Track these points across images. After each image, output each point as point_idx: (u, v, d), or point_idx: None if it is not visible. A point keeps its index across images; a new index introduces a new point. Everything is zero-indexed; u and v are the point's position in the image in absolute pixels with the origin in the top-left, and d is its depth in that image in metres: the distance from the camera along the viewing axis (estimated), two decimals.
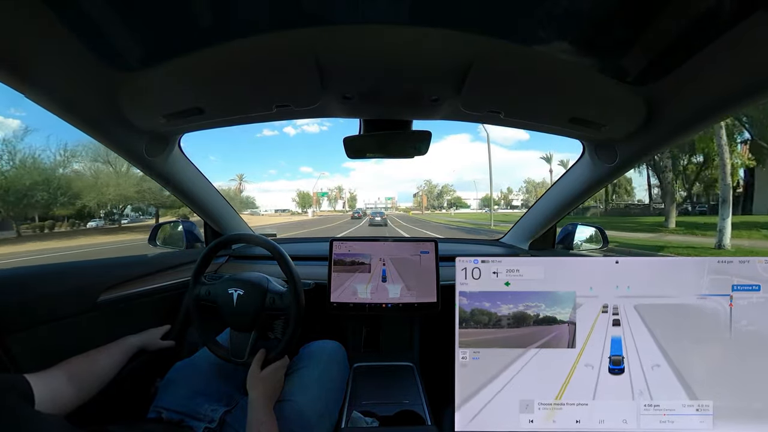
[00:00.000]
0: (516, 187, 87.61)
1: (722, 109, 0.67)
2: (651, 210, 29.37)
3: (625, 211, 33.66)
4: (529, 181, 75.14)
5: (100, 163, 21.43)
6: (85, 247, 13.59)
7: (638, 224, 16.79)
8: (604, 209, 34.92)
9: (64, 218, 25.90)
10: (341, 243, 1.19)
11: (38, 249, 13.22)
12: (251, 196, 74.47)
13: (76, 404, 0.62)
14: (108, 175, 20.94)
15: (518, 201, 77.35)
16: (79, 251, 12.41)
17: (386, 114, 0.91)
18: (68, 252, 12.13)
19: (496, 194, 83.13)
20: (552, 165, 54.48)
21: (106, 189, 20.05)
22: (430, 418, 0.92)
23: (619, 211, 34.04)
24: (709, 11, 0.48)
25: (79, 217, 26.51)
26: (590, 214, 32.91)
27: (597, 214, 33.04)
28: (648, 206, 31.67)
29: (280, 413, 0.74)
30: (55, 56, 0.59)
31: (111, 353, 0.77)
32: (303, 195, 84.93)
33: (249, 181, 70.93)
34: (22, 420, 0.44)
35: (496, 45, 0.59)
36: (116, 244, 14.42)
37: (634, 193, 41.30)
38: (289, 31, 0.56)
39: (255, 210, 67.11)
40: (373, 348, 1.32)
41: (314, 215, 65.31)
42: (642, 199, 37.96)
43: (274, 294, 0.87)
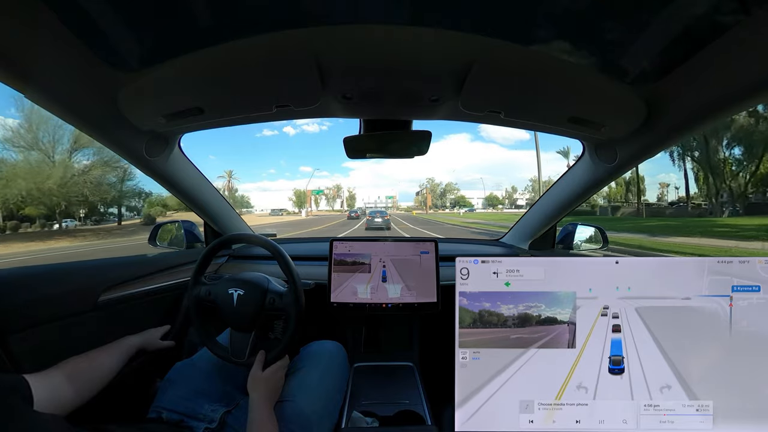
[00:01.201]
0: (520, 186, 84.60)
1: (722, 109, 0.67)
2: (689, 210, 26.79)
3: (659, 210, 30.85)
4: (534, 179, 71.19)
5: (22, 148, 17.34)
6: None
7: (711, 227, 13.66)
8: (636, 209, 32.19)
9: (35, 219, 22.54)
10: (341, 243, 1.19)
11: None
12: (246, 195, 72.41)
13: (76, 404, 0.62)
14: (34, 164, 17.00)
15: (523, 200, 75.03)
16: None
17: (386, 114, 0.91)
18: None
19: (500, 193, 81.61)
20: (569, 160, 53.32)
21: (13, 182, 16.08)
22: (430, 418, 0.92)
23: (651, 211, 31.28)
24: (708, 11, 0.48)
25: (51, 218, 22.84)
26: (621, 214, 29.93)
27: (626, 214, 29.95)
28: (685, 206, 29.17)
29: (281, 413, 0.74)
30: (56, 56, 0.59)
31: (111, 353, 0.77)
32: (299, 194, 78.96)
33: (238, 178, 67.67)
34: (21, 420, 0.44)
35: (496, 45, 0.59)
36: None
37: (646, 192, 40.19)
38: (289, 31, 0.56)
39: (250, 209, 64.80)
40: (374, 348, 1.32)
41: (309, 215, 60.64)
42: (661, 197, 35.54)
43: (274, 294, 0.86)
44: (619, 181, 52.56)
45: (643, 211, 30.67)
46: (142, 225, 26.08)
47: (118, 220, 27.93)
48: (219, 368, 0.89)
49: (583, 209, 35.37)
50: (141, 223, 27.47)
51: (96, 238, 19.12)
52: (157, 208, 34.19)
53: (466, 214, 55.73)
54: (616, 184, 51.39)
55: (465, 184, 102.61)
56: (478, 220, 31.10)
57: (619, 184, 52.11)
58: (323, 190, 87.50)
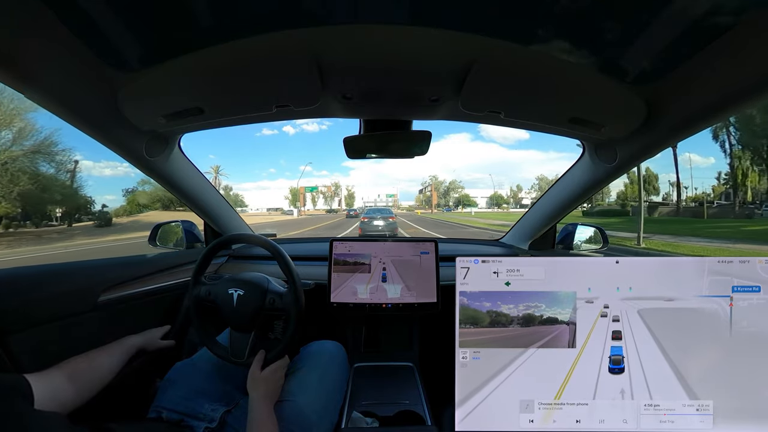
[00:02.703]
0: (524, 185, 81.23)
1: (722, 109, 0.67)
2: (736, 210, 23.10)
3: (698, 210, 25.97)
4: (542, 178, 68.96)
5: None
6: None
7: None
8: (675, 209, 28.02)
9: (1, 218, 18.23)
10: (341, 243, 1.19)
11: None
12: (240, 194, 68.37)
13: (76, 404, 0.62)
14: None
15: (529, 200, 72.73)
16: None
17: (386, 114, 0.91)
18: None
19: (504, 192, 78.70)
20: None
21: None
22: (430, 418, 0.92)
23: (692, 211, 26.84)
24: (708, 12, 0.48)
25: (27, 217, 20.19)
26: (658, 214, 26.38)
27: (663, 214, 26.34)
28: (731, 204, 25.27)
29: (281, 413, 0.74)
30: (56, 56, 0.59)
31: (111, 353, 0.77)
32: (294, 191, 73.90)
33: (227, 174, 64.25)
34: (21, 418, 0.44)
35: (496, 45, 0.59)
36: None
37: (659, 191, 37.40)
38: (289, 31, 0.56)
39: (243, 208, 61.65)
40: (373, 348, 1.32)
41: (300, 214, 54.09)
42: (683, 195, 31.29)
43: (274, 294, 0.86)
44: (633, 178, 50.50)
45: (674, 211, 27.59)
46: (96, 227, 22.88)
47: (69, 221, 23.20)
48: (219, 368, 0.89)
49: (615, 209, 32.70)
50: (94, 225, 23.59)
51: None
52: (129, 206, 31.89)
53: (478, 213, 50.52)
54: (631, 181, 49.45)
55: (466, 183, 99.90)
56: (496, 221, 25.50)
57: (633, 182, 50.11)
58: (317, 187, 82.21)
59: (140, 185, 35.11)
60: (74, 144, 22.69)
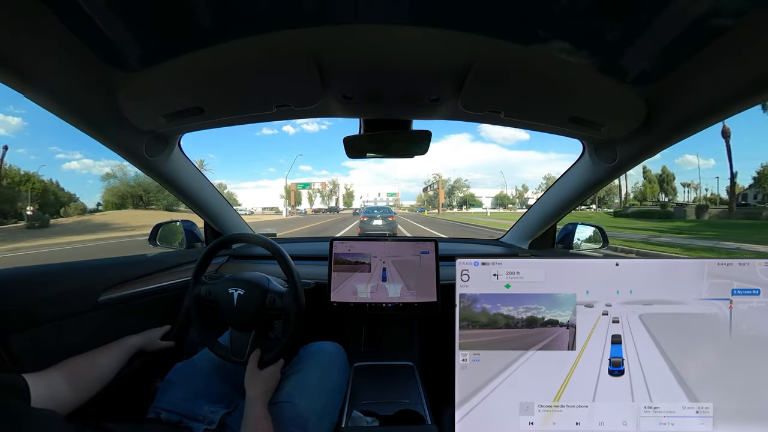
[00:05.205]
0: (530, 185, 77.97)
1: (722, 109, 0.67)
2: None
3: (757, 211, 23.32)
4: (549, 177, 64.53)
5: None
6: None
7: None
8: (728, 210, 24.44)
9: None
10: (341, 242, 1.19)
11: None
12: (234, 193, 65.19)
13: (75, 404, 0.62)
14: None
15: (535, 200, 71.85)
16: None
17: (386, 114, 0.91)
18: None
19: (510, 192, 75.29)
20: None
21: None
22: (430, 418, 0.92)
23: (745, 212, 23.76)
24: (708, 12, 0.48)
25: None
26: (708, 216, 23.28)
27: (713, 216, 23.33)
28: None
29: (280, 415, 0.74)
30: (55, 56, 0.59)
31: (111, 353, 0.77)
32: (289, 190, 64.14)
33: (212, 170, 58.91)
34: (16, 417, 0.44)
35: (496, 45, 0.58)
36: None
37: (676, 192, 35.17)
38: (289, 30, 0.56)
39: (236, 207, 60.86)
40: (374, 347, 1.32)
41: (291, 214, 49.05)
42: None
43: (274, 294, 0.87)
44: (650, 177, 47.64)
45: (728, 213, 23.83)
46: (26, 228, 19.62)
47: None
48: (219, 369, 0.89)
49: (654, 210, 27.31)
50: (25, 226, 20.22)
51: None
52: (77, 204, 29.53)
53: (494, 214, 44.59)
54: (648, 180, 46.84)
55: (469, 182, 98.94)
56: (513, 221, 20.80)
57: (652, 181, 47.38)
58: (309, 184, 76.65)
59: (103, 179, 33.85)
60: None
